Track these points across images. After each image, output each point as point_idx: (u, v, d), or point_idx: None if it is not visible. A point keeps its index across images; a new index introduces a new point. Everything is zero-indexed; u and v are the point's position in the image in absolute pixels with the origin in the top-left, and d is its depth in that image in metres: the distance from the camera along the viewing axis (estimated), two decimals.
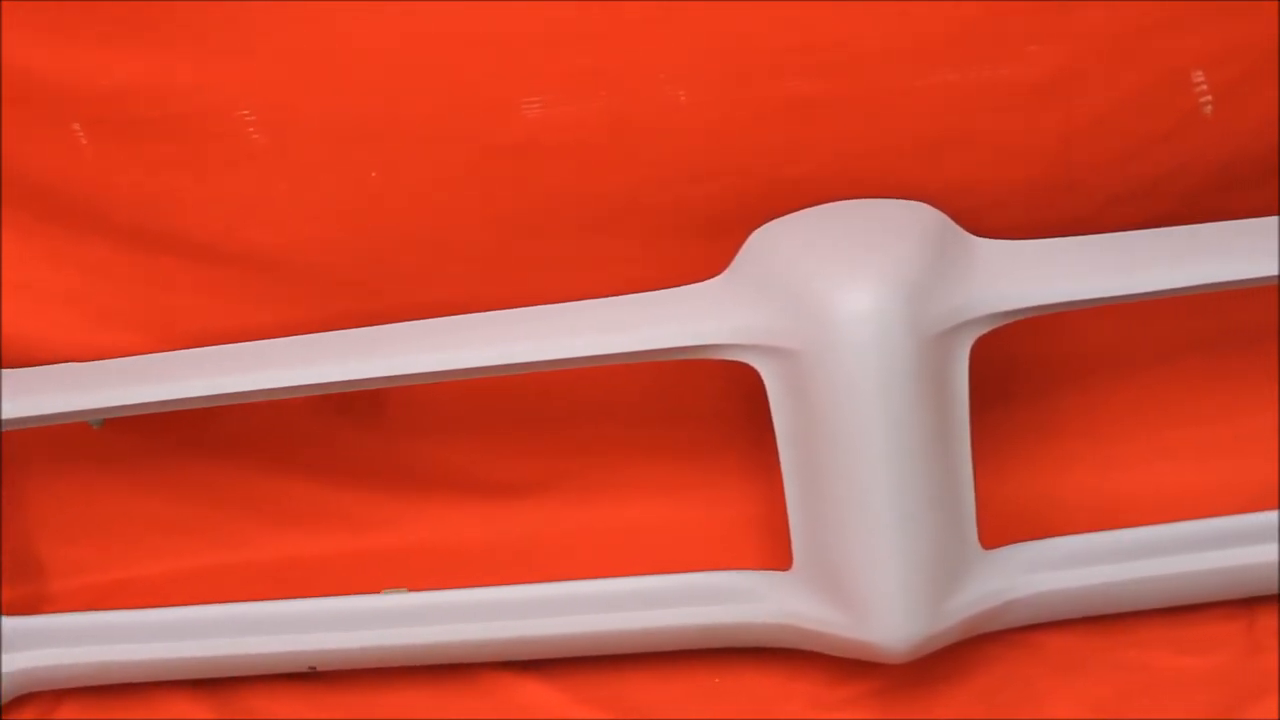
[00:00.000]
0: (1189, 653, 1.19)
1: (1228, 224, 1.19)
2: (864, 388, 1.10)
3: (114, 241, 1.25)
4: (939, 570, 1.13)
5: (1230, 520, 1.19)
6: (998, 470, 1.27)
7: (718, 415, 1.32)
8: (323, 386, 1.18)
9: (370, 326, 1.22)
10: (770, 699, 1.21)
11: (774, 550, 1.24)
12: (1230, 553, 1.18)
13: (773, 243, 1.18)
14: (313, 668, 1.24)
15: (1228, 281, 1.14)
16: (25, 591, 1.34)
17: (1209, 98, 1.18)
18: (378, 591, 1.22)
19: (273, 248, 1.24)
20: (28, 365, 1.25)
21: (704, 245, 1.20)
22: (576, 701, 1.22)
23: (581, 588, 1.20)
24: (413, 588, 1.22)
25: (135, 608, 1.24)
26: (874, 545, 1.11)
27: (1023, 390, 1.31)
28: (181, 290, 1.26)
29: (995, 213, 1.20)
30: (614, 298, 1.19)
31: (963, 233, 1.18)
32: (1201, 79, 1.18)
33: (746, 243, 1.19)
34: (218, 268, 1.25)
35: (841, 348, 1.10)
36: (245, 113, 1.20)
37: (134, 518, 1.35)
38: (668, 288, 1.19)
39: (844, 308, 1.10)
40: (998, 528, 1.19)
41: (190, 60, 1.18)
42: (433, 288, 1.24)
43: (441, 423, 1.33)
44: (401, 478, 1.35)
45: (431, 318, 1.21)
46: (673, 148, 1.20)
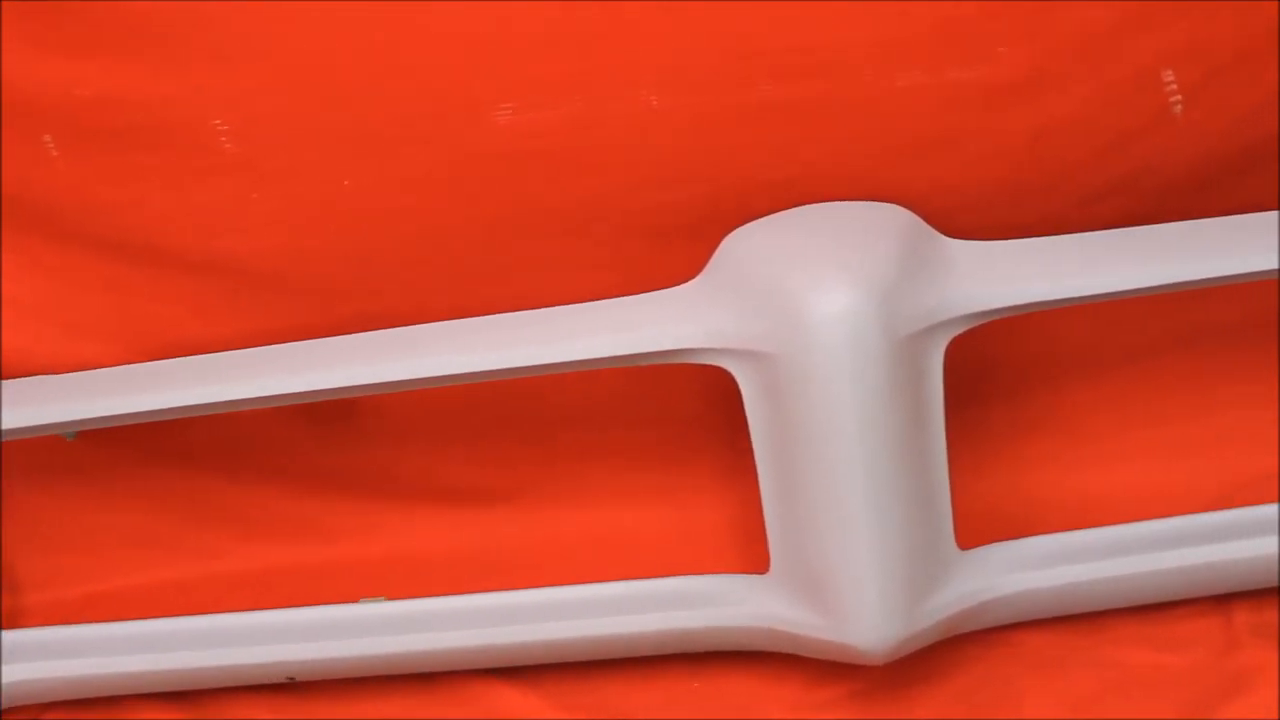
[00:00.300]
0: (1166, 650, 1.19)
1: (1197, 223, 1.19)
2: (839, 390, 1.10)
3: (85, 252, 1.24)
4: (916, 571, 1.13)
5: (1206, 517, 1.19)
6: (974, 470, 1.27)
7: (693, 419, 1.32)
8: (296, 396, 1.18)
9: (343, 335, 1.22)
10: (749, 702, 1.21)
11: (751, 554, 1.24)
12: (1206, 549, 1.18)
13: (746, 246, 1.18)
14: (291, 678, 1.23)
15: (1198, 280, 1.14)
16: None
17: (1179, 97, 1.19)
18: (355, 600, 1.22)
19: (246, 257, 1.24)
20: None
21: (678, 250, 1.20)
22: (555, 708, 1.22)
23: (559, 594, 1.20)
24: (389, 596, 1.22)
25: (111, 621, 1.23)
26: (851, 547, 1.11)
27: (997, 390, 1.32)
28: (154, 301, 1.25)
29: (968, 214, 1.21)
30: (587, 303, 1.19)
31: (936, 234, 1.18)
32: (1171, 78, 1.18)
33: (720, 247, 1.18)
34: (190, 278, 1.24)
35: (816, 350, 1.10)
36: (218, 122, 1.20)
37: (107, 530, 1.35)
38: (642, 292, 1.19)
39: (818, 310, 1.10)
40: (974, 528, 1.20)
41: (162, 70, 1.18)
42: (406, 295, 1.24)
43: (415, 430, 1.33)
44: (375, 486, 1.35)
45: (405, 325, 1.21)
46: (646, 152, 1.20)
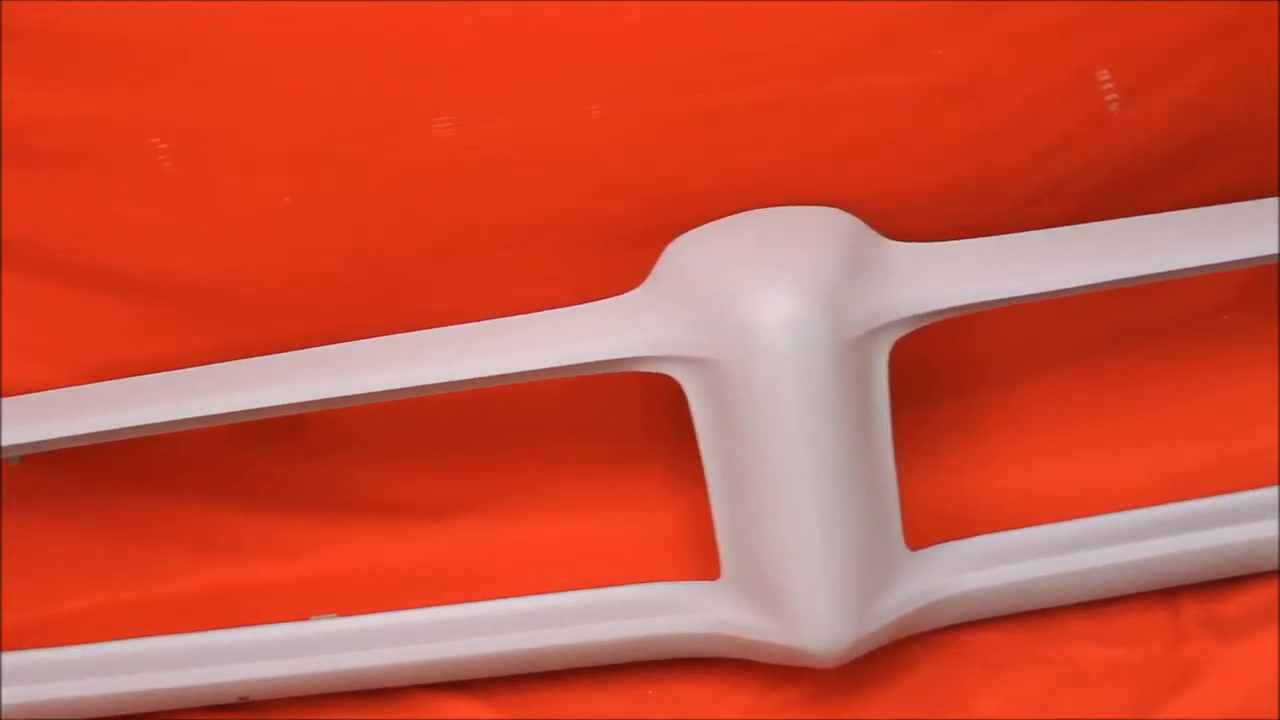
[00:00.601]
0: (1115, 645, 1.20)
1: (1133, 220, 1.20)
2: (784, 394, 1.10)
3: (23, 275, 1.23)
4: (866, 574, 1.14)
5: (1150, 511, 1.20)
6: (921, 471, 1.28)
7: (640, 427, 1.32)
8: (243, 414, 1.17)
9: (288, 352, 1.21)
10: (704, 708, 1.21)
11: (702, 560, 1.24)
12: (1151, 543, 1.19)
13: (688, 253, 1.18)
14: (245, 697, 1.23)
15: (1137, 277, 1.15)
16: None
17: (1115, 95, 1.20)
18: (306, 618, 1.22)
19: (186, 276, 1.23)
20: None
21: (622, 259, 1.20)
22: None
23: (510, 605, 1.20)
24: (343, 613, 1.22)
25: (61, 646, 1.22)
26: (800, 551, 1.12)
27: (942, 390, 1.32)
28: (94, 322, 1.24)
29: (909, 216, 1.21)
30: (531, 314, 1.19)
31: (878, 237, 1.19)
32: (1107, 77, 1.19)
33: (663, 254, 1.19)
34: (131, 298, 1.24)
35: (760, 355, 1.10)
36: (155, 141, 1.19)
37: (55, 555, 1.33)
38: (590, 302, 1.19)
39: (761, 315, 1.10)
40: (923, 528, 1.20)
41: (97, 91, 1.17)
42: (350, 311, 1.24)
43: (363, 446, 1.32)
44: (324, 503, 1.34)
45: (350, 341, 1.21)
46: (586, 162, 1.20)
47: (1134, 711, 1.15)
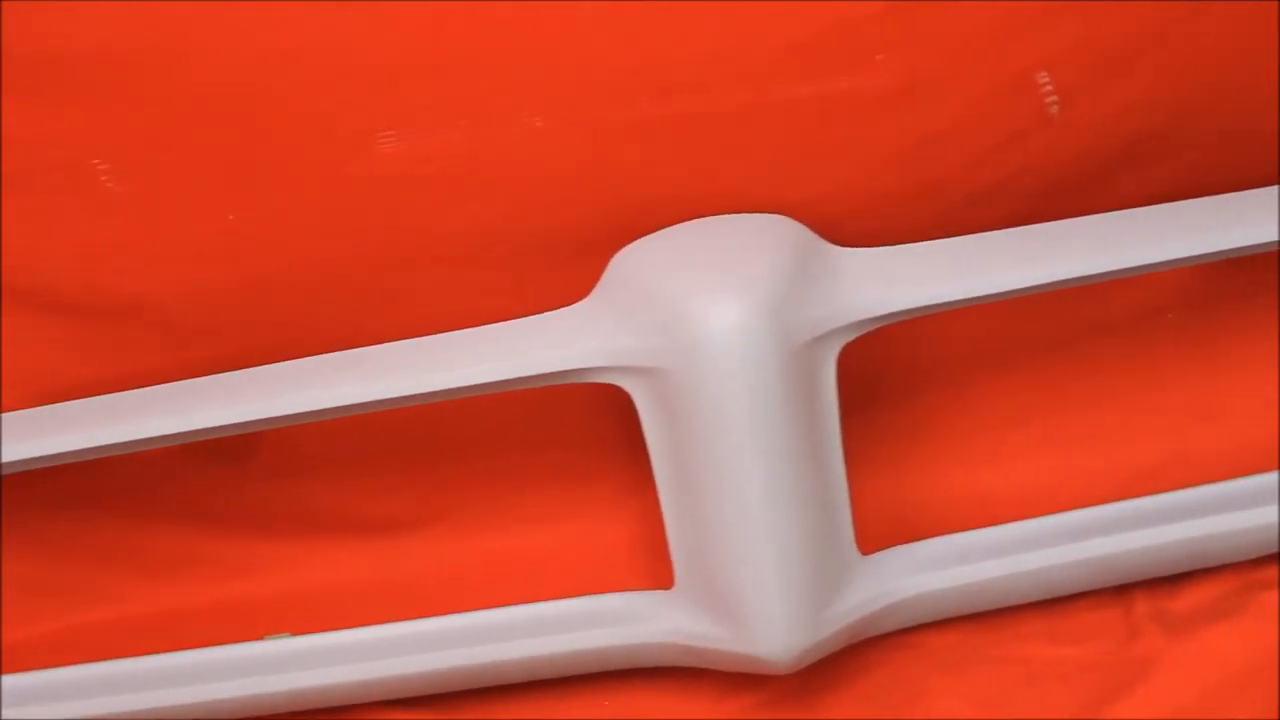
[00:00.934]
0: (1068, 643, 1.21)
1: (1076, 221, 1.21)
2: (732, 401, 1.10)
3: None
4: (818, 579, 1.14)
5: (1102, 509, 1.21)
6: (872, 474, 1.28)
7: (591, 438, 1.32)
8: (194, 434, 1.16)
9: (238, 370, 1.20)
10: (660, 718, 1.21)
11: (655, 570, 1.24)
12: (1103, 541, 1.20)
13: (635, 263, 1.18)
14: None
15: (1082, 277, 1.16)
16: None
17: (1055, 98, 1.21)
18: (260, 637, 1.21)
19: (133, 296, 1.22)
20: None
21: (569, 270, 1.20)
22: None
23: (464, 620, 1.19)
24: (295, 631, 1.21)
25: (11, 673, 1.20)
26: (752, 558, 1.12)
27: (891, 394, 1.33)
28: (40, 345, 1.23)
29: (854, 221, 1.22)
30: (479, 328, 1.19)
31: (823, 243, 1.19)
32: (1046, 79, 1.20)
33: (609, 265, 1.19)
34: (77, 320, 1.22)
35: (708, 363, 1.10)
36: (97, 161, 1.18)
37: (7, 580, 1.31)
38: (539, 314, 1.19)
39: (708, 323, 1.10)
40: (875, 532, 1.20)
41: (36, 111, 1.16)
42: (298, 327, 1.23)
43: (315, 463, 1.31)
44: (278, 521, 1.33)
45: (299, 358, 1.20)
46: (532, 174, 1.20)
47: (1090, 709, 1.15)
